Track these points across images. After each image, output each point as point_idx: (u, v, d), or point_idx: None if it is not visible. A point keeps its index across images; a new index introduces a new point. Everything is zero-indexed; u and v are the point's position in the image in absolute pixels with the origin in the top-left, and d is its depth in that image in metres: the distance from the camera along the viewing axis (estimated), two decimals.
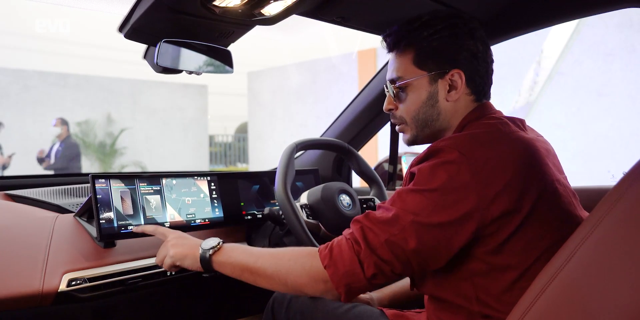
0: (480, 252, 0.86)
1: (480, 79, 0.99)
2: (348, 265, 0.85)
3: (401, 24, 1.01)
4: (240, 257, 0.97)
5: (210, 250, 0.99)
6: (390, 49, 1.03)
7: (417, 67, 0.98)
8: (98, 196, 1.19)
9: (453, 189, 0.83)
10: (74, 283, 1.12)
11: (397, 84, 1.01)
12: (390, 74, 1.03)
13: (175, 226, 1.31)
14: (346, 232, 0.90)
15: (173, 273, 1.29)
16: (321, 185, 1.38)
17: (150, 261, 1.27)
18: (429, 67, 0.98)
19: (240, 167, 13.16)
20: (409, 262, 0.84)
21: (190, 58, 1.23)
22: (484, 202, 0.82)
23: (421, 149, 0.98)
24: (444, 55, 0.97)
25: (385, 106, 1.05)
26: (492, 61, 1.02)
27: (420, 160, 0.89)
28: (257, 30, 1.24)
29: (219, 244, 1.00)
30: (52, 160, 6.80)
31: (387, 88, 1.03)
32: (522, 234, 0.85)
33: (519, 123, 0.98)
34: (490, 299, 0.87)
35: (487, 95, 1.02)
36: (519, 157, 0.87)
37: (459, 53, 0.96)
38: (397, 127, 1.06)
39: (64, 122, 6.99)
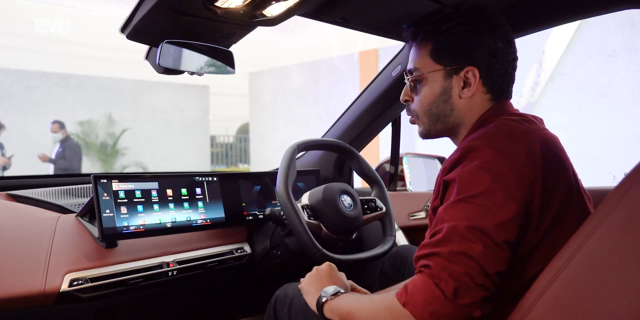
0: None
1: (497, 77, 0.96)
2: (424, 291, 0.78)
3: (424, 15, 1.00)
4: (346, 303, 0.93)
5: (324, 298, 0.97)
6: (410, 39, 1.03)
7: (434, 61, 0.98)
8: (100, 197, 1.20)
9: (499, 188, 0.80)
10: (75, 283, 1.13)
11: (413, 76, 1.01)
12: (408, 64, 1.02)
13: (176, 226, 1.31)
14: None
15: (174, 273, 1.30)
16: (322, 186, 1.38)
17: (152, 261, 1.27)
18: (445, 62, 0.97)
19: (242, 168, 13.15)
20: (485, 271, 0.78)
21: (192, 59, 1.23)
22: (527, 196, 0.82)
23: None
24: (460, 51, 0.95)
25: (401, 97, 1.05)
26: (514, 59, 0.99)
27: (453, 163, 0.87)
28: (259, 31, 1.24)
29: (337, 293, 0.97)
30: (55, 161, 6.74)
31: (406, 78, 1.03)
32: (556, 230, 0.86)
33: (539, 121, 0.97)
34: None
35: (505, 93, 0.99)
36: (547, 152, 0.87)
37: (476, 50, 0.94)
38: (409, 119, 1.06)
39: (61, 126, 6.83)
